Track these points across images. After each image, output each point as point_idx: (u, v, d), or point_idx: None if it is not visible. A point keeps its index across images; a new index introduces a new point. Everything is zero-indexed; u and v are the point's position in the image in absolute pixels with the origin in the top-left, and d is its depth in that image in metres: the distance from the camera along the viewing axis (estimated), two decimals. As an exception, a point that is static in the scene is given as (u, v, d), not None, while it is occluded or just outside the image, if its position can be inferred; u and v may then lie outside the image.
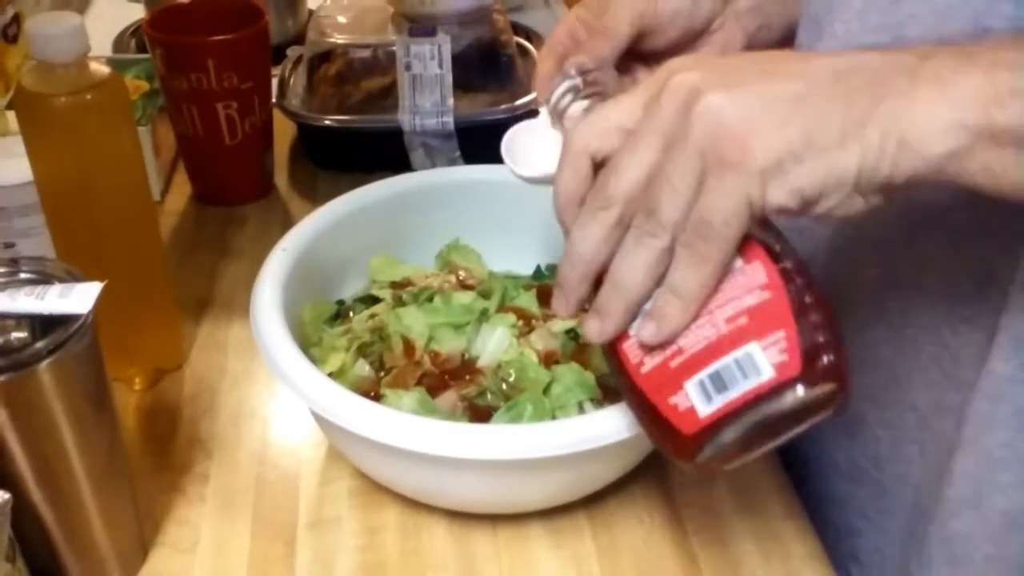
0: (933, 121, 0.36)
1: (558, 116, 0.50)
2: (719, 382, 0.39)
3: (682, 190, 0.38)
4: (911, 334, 0.52)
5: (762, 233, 0.40)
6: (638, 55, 0.57)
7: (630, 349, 0.42)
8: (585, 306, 0.44)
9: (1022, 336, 0.45)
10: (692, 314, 0.40)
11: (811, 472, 0.62)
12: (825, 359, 0.38)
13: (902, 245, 0.52)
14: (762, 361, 0.38)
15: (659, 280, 0.40)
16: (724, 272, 0.39)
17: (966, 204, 0.47)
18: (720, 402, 0.39)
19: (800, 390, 0.38)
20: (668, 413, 0.40)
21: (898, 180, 0.37)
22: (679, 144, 0.39)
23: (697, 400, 0.39)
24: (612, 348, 0.43)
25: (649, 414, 0.41)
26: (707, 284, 0.39)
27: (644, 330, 0.41)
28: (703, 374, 0.39)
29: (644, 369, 0.41)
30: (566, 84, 0.49)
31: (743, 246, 0.39)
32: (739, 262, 0.40)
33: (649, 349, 0.41)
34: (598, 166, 0.43)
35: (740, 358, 0.38)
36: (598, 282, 0.43)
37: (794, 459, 0.61)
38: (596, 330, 0.43)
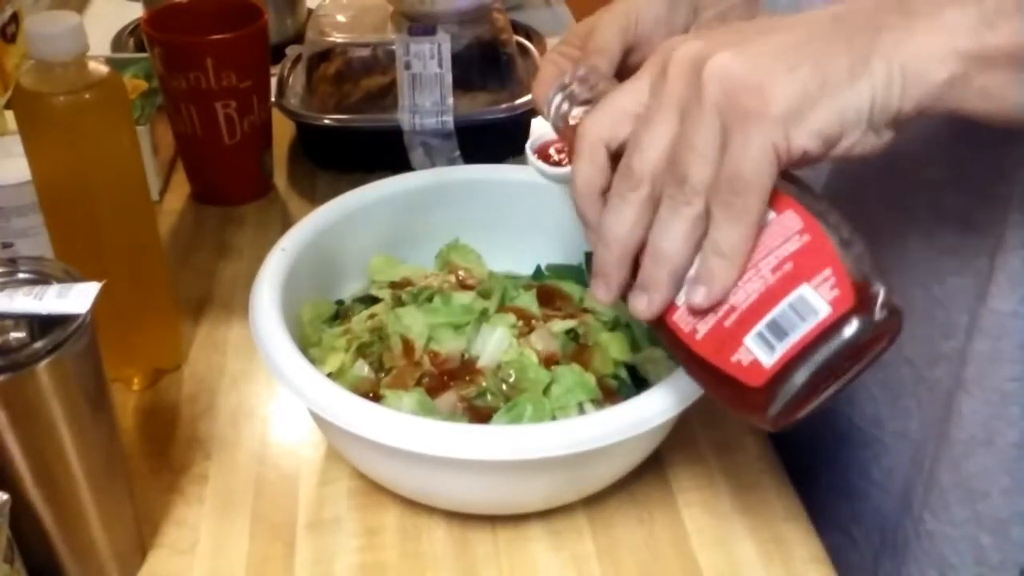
0: (930, 50, 0.37)
1: (560, 122, 0.50)
2: (778, 330, 0.39)
3: (707, 152, 0.39)
4: (900, 291, 0.53)
5: (785, 183, 0.41)
6: (626, 73, 0.58)
7: (681, 319, 0.42)
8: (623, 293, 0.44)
9: (1018, 272, 0.47)
10: (739, 269, 0.40)
11: (804, 440, 0.63)
12: (875, 287, 0.39)
13: (884, 207, 0.54)
14: (816, 300, 0.39)
15: (698, 246, 0.41)
16: (760, 225, 0.40)
17: (941, 159, 0.49)
18: (783, 348, 0.39)
19: (857, 320, 0.38)
20: (733, 371, 0.40)
21: (907, 111, 0.38)
22: (695, 109, 0.39)
23: (760, 352, 0.40)
24: (663, 323, 0.43)
25: (714, 377, 0.41)
26: (749, 237, 0.40)
27: (695, 295, 0.41)
28: (760, 326, 0.39)
29: (699, 335, 0.42)
30: (562, 93, 0.50)
31: (771, 198, 0.40)
32: (771, 214, 0.40)
33: (701, 314, 0.41)
34: (614, 156, 0.43)
35: (794, 302, 0.39)
36: (635, 265, 0.43)
37: (788, 432, 0.62)
38: (644, 305, 0.43)
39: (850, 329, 0.38)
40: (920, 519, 0.56)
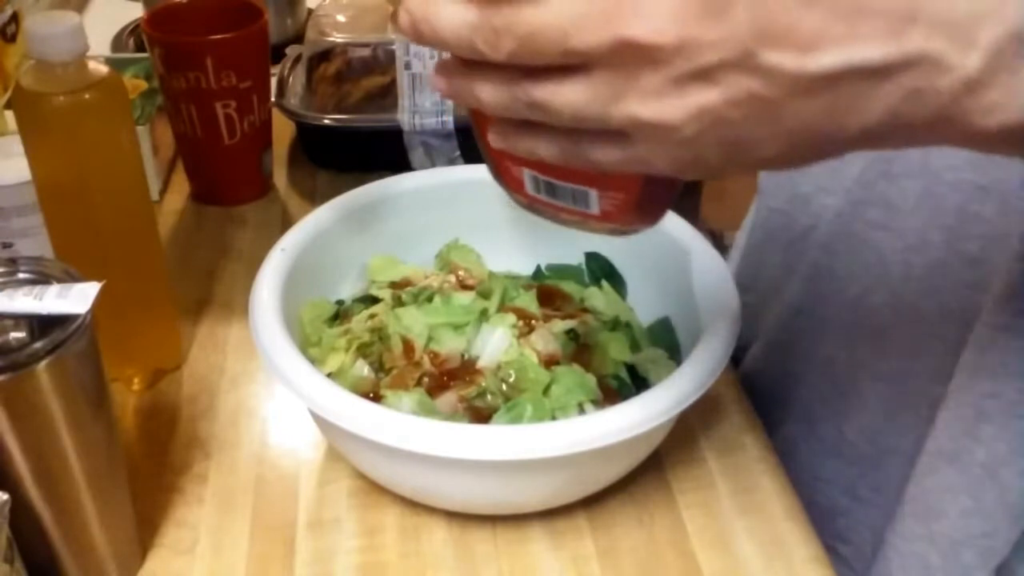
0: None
1: None
2: (552, 190, 0.43)
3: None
4: (913, 304, 0.52)
5: None
6: None
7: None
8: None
9: (1015, 284, 0.46)
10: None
11: (797, 451, 0.63)
12: (643, 220, 0.43)
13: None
14: (594, 203, 0.42)
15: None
16: None
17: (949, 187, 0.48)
18: (542, 198, 0.43)
19: (608, 227, 0.43)
20: (500, 166, 0.44)
21: None
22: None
23: (529, 184, 0.43)
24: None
25: (488, 156, 0.45)
26: None
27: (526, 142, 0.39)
28: (545, 176, 0.42)
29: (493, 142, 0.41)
30: None
31: None
32: None
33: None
34: None
35: (578, 191, 0.42)
36: None
37: (780, 440, 0.61)
38: (439, 86, 0.38)
39: (601, 227, 0.43)
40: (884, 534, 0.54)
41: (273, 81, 0.84)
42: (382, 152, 0.81)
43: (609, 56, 0.32)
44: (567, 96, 0.34)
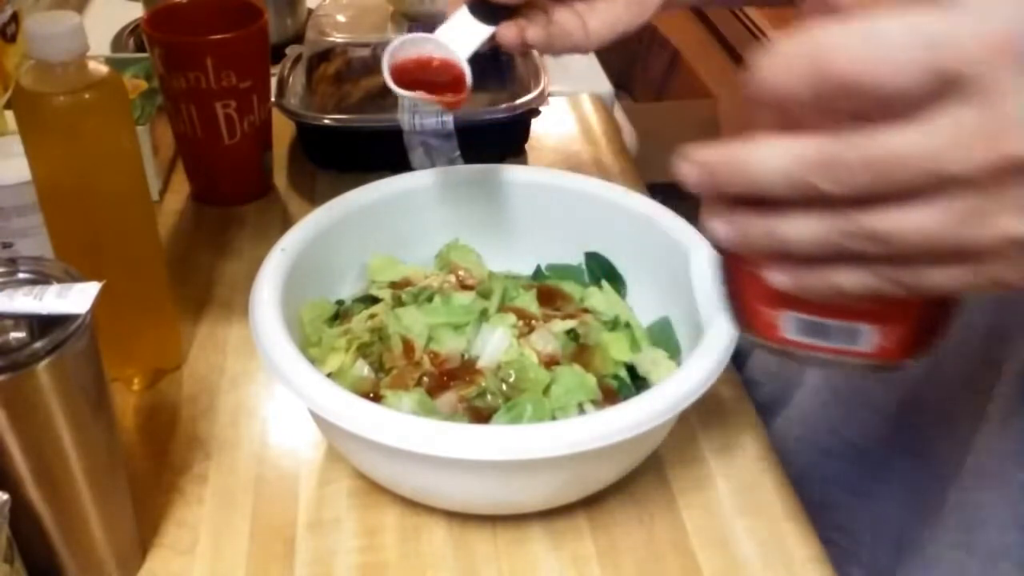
0: None
1: None
2: (817, 330, 0.39)
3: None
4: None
5: None
6: None
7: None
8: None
9: None
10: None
11: (798, 451, 0.63)
12: (919, 358, 0.38)
13: None
14: (867, 339, 0.38)
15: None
16: None
17: None
18: (806, 340, 0.39)
19: (881, 366, 0.39)
20: (750, 311, 0.40)
21: None
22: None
23: (786, 326, 0.39)
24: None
25: (734, 293, 0.40)
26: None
27: (791, 277, 0.36)
28: (809, 317, 0.38)
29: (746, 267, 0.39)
30: None
31: None
32: None
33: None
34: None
35: (849, 327, 0.38)
36: None
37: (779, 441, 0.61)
38: (725, 234, 0.36)
39: (868, 367, 0.39)
40: (913, 537, 0.54)
41: (273, 81, 0.84)
42: (382, 152, 0.81)
43: (986, 176, 0.30)
44: (918, 222, 0.31)
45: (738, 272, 0.40)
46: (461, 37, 0.61)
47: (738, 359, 0.72)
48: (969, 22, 0.29)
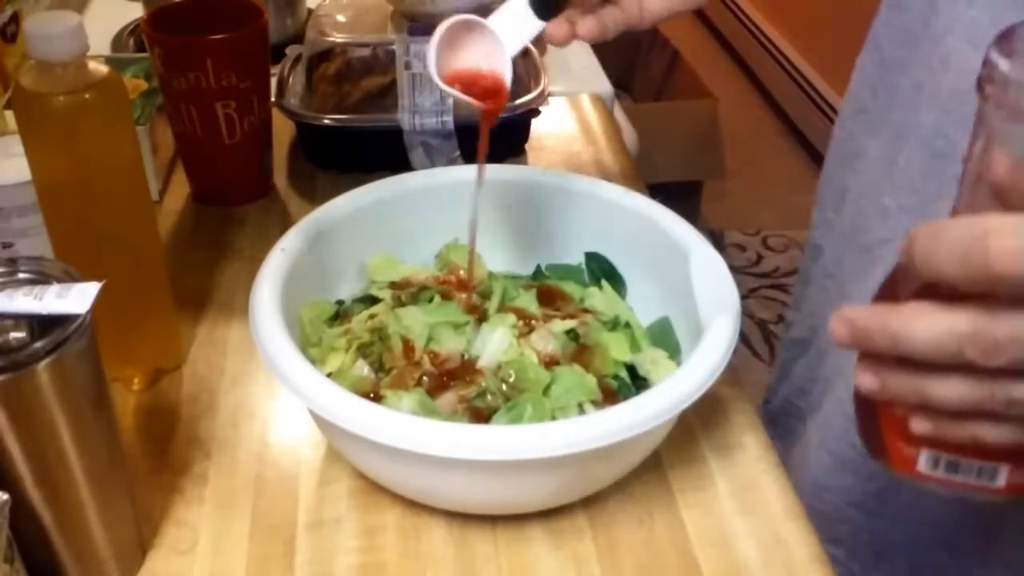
0: None
1: None
2: (954, 467, 0.40)
3: None
4: None
5: None
6: None
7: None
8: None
9: None
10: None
11: (816, 456, 0.63)
12: None
13: None
14: (1001, 475, 0.39)
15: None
16: None
17: None
18: (941, 475, 0.40)
19: (1012, 496, 0.40)
20: (889, 444, 0.41)
21: None
22: None
23: (924, 463, 0.40)
24: None
25: (869, 427, 0.42)
26: None
27: (933, 428, 0.38)
28: (946, 455, 0.39)
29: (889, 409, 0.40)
30: None
31: None
32: None
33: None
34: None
35: (984, 465, 0.39)
36: None
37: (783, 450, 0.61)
38: (872, 387, 0.38)
39: (999, 497, 0.40)
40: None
41: (273, 81, 0.84)
42: (382, 152, 0.81)
43: None
44: None
45: (879, 409, 0.41)
46: (513, 28, 0.57)
47: (784, 369, 0.73)
48: None
